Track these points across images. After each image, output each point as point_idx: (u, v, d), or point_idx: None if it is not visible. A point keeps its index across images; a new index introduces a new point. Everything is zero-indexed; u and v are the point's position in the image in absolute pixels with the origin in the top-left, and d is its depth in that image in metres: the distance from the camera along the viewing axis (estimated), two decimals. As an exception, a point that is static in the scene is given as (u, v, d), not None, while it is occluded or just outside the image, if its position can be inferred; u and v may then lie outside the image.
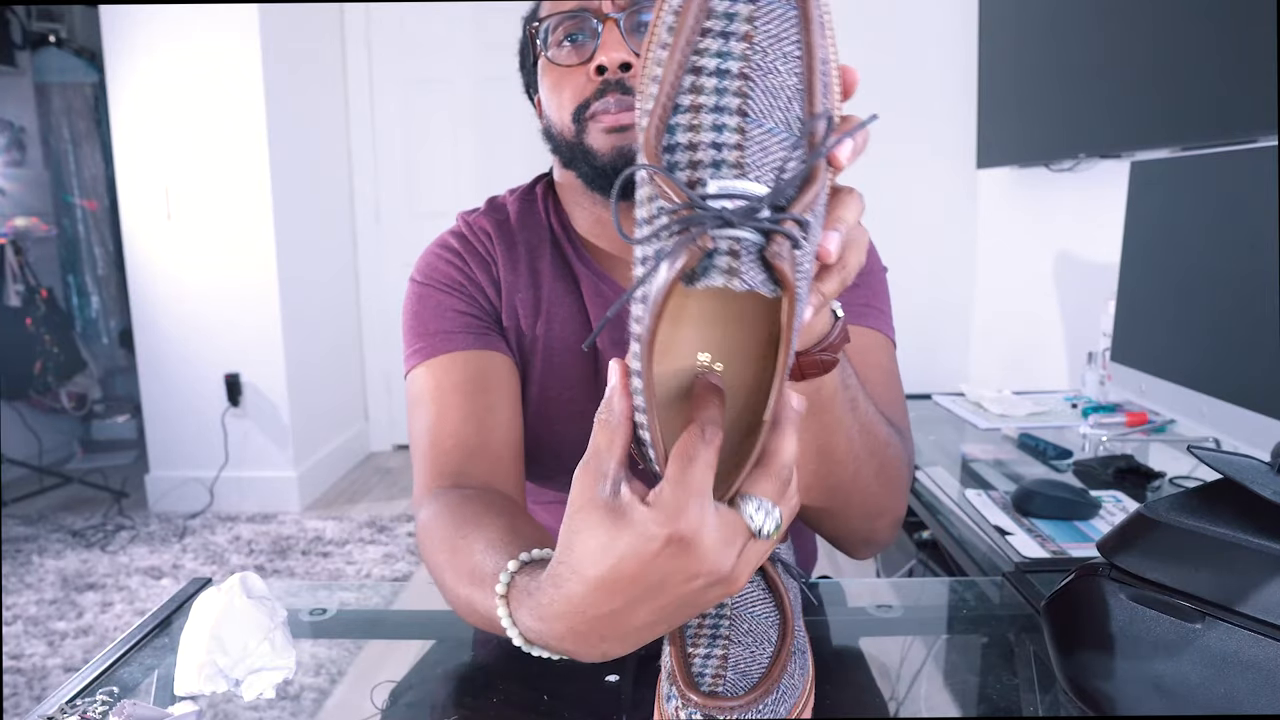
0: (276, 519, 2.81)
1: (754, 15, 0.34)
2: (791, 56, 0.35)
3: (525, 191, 0.84)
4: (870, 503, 0.64)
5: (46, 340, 3.08)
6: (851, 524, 0.66)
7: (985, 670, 0.64)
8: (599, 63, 0.68)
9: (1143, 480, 1.09)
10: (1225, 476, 0.49)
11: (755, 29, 0.34)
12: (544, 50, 0.72)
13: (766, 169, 0.34)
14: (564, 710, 0.56)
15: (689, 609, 0.39)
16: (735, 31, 0.34)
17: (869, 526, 0.67)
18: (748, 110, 0.34)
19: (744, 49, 0.34)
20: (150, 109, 2.70)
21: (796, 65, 0.35)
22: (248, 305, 2.79)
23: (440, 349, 0.74)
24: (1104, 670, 0.49)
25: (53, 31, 3.18)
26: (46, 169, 3.29)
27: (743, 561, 0.38)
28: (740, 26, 0.34)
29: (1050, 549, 0.90)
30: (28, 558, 2.50)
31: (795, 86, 0.35)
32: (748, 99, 0.34)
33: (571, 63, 0.71)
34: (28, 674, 1.87)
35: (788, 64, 0.35)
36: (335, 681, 0.64)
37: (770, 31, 0.35)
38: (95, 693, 0.56)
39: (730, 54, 0.34)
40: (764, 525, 0.37)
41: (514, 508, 0.63)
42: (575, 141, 0.71)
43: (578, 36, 0.71)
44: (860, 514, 0.65)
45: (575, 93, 0.70)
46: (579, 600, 0.39)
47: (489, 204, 0.84)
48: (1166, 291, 1.23)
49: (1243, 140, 1.21)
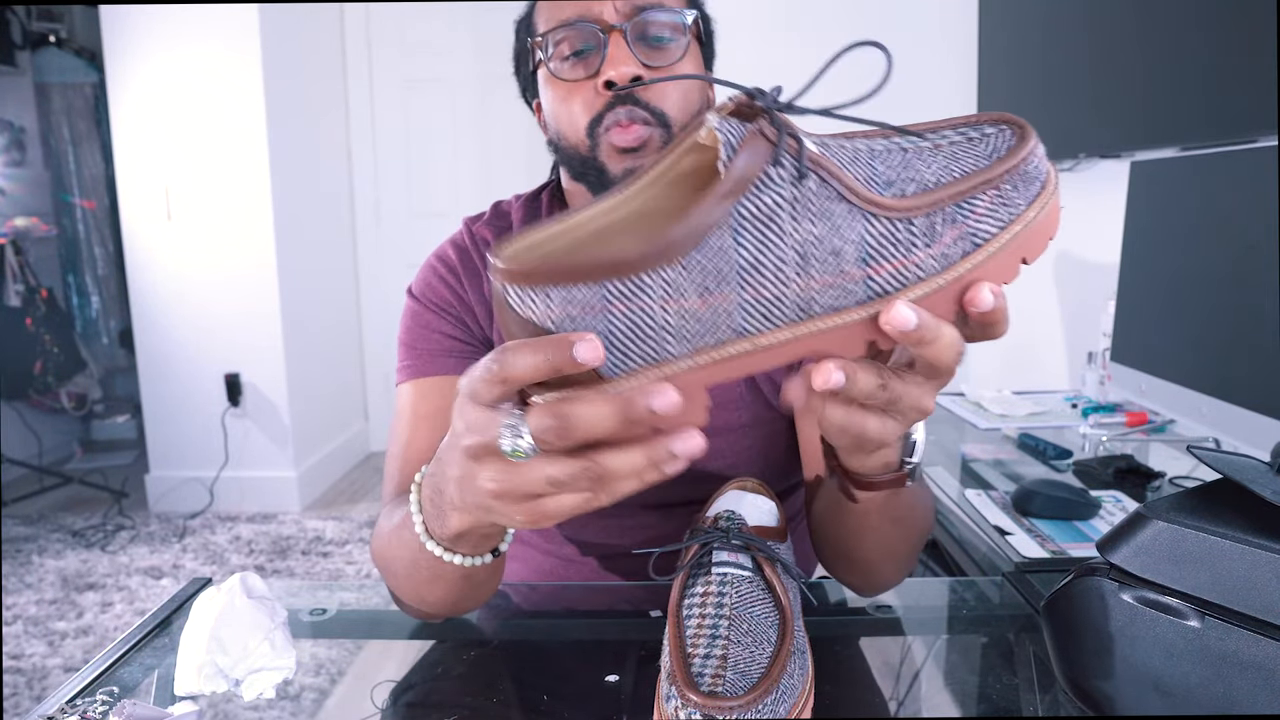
0: (276, 519, 2.81)
1: None
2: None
3: (530, 199, 0.83)
4: (892, 573, 0.68)
5: (46, 340, 3.08)
6: (871, 581, 0.70)
7: (985, 670, 0.64)
8: (607, 77, 0.67)
9: (1143, 480, 1.09)
10: (1225, 476, 0.49)
11: None
12: (546, 63, 0.71)
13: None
14: (564, 710, 0.56)
15: (468, 480, 0.41)
16: None
17: (885, 583, 0.70)
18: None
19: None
20: (150, 109, 2.70)
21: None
22: (248, 305, 2.79)
23: (424, 370, 0.75)
24: (1103, 670, 0.49)
25: (53, 31, 3.18)
26: (46, 169, 3.29)
27: (493, 465, 0.39)
28: None
29: (1050, 549, 0.90)
30: (28, 558, 2.50)
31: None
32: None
33: (578, 77, 0.69)
34: (28, 674, 1.87)
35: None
36: (335, 681, 0.64)
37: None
38: (95, 693, 0.56)
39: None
40: (505, 441, 0.38)
41: None
42: (589, 157, 0.70)
43: (583, 50, 0.69)
44: (880, 582, 0.70)
45: (585, 107, 0.69)
46: (439, 452, 0.46)
47: (494, 210, 0.83)
48: (1166, 291, 1.23)
49: (1243, 140, 1.21)
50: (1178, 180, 1.23)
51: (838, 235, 0.37)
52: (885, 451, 0.49)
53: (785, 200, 0.36)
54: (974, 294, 0.38)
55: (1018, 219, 0.38)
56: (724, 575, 0.52)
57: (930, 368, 0.39)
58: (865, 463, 0.50)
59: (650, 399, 0.35)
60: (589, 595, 0.80)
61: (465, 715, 0.58)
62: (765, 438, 0.78)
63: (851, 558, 0.65)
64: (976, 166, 0.38)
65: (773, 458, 0.79)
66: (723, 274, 0.36)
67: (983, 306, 0.37)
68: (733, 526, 0.56)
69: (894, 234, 0.37)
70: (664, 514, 0.81)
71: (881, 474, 0.51)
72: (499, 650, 0.67)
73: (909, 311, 0.37)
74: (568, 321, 0.35)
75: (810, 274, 0.36)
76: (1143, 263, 1.30)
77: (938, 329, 0.38)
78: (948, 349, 0.38)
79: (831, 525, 0.64)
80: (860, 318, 0.38)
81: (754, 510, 0.60)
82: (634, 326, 0.36)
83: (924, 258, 0.37)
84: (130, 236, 2.78)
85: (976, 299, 0.38)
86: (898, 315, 0.37)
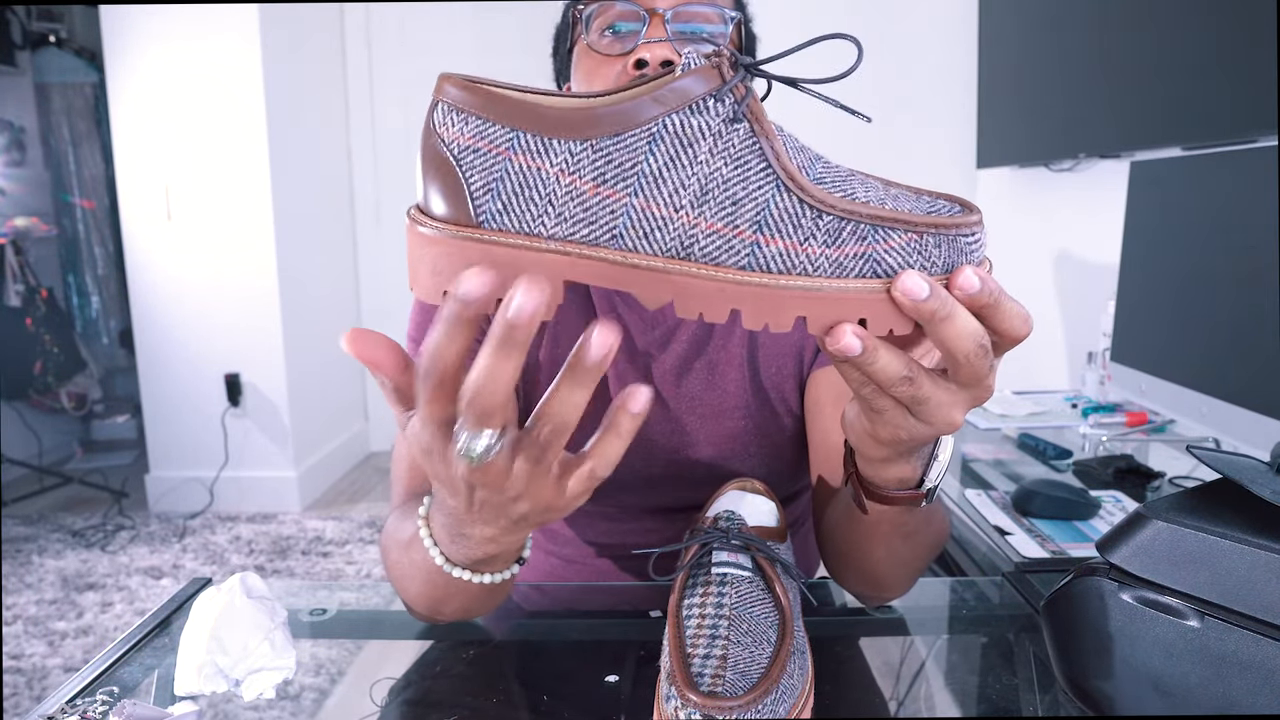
0: (276, 519, 2.81)
1: None
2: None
3: None
4: (897, 585, 0.67)
5: (46, 340, 3.08)
6: (876, 592, 0.69)
7: (985, 670, 0.64)
8: (640, 56, 0.66)
9: (1142, 480, 1.09)
10: (1225, 476, 0.49)
11: None
12: (584, 35, 0.71)
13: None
14: (564, 710, 0.56)
15: (458, 496, 0.41)
16: None
17: (890, 595, 0.69)
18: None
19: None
20: (150, 109, 2.70)
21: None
22: (248, 305, 2.79)
23: None
24: (1103, 670, 0.49)
25: (53, 31, 3.18)
26: (46, 169, 3.29)
27: (457, 472, 0.39)
28: None
29: (1050, 549, 0.90)
30: (28, 558, 2.50)
31: None
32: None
33: (613, 52, 0.69)
34: (28, 674, 1.87)
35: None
36: (335, 681, 0.64)
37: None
38: (95, 693, 0.56)
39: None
40: (462, 444, 0.37)
41: None
42: None
43: (621, 27, 0.69)
44: (885, 593, 0.68)
45: (610, 84, 0.69)
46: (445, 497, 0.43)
47: None
48: (1166, 291, 1.23)
49: (1243, 140, 1.21)
50: (1178, 180, 1.23)
51: (744, 187, 0.37)
52: (903, 466, 0.47)
53: (710, 132, 0.37)
54: (837, 332, 0.37)
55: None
56: (724, 575, 0.52)
57: (953, 361, 0.38)
58: (882, 474, 0.48)
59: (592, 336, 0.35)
60: (589, 595, 0.80)
61: (465, 715, 0.58)
62: (770, 444, 0.78)
63: (858, 567, 0.63)
64: (911, 210, 0.38)
65: (776, 464, 0.79)
66: (624, 171, 0.36)
67: (837, 342, 0.37)
68: (733, 527, 0.56)
69: (799, 216, 0.37)
70: (667, 518, 0.81)
71: (898, 489, 0.49)
72: (499, 650, 0.67)
73: (921, 281, 0.36)
74: (469, 154, 0.37)
75: (703, 212, 0.37)
76: (1143, 263, 1.30)
77: (952, 306, 0.36)
78: (964, 335, 0.37)
79: (841, 534, 0.63)
80: (731, 280, 0.37)
81: (754, 510, 0.60)
82: (524, 183, 0.37)
83: (818, 254, 0.37)
84: (130, 236, 2.79)
85: (837, 333, 0.37)
86: (910, 281, 0.36)
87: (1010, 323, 0.38)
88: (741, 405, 0.76)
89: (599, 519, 0.82)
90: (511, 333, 0.33)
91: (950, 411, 0.40)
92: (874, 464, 0.48)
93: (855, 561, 0.63)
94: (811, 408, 0.75)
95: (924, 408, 0.40)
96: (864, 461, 0.49)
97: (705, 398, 0.76)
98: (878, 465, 0.47)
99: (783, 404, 0.77)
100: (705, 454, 0.77)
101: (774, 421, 0.77)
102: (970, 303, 0.37)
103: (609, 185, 0.36)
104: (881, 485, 0.49)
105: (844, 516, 0.60)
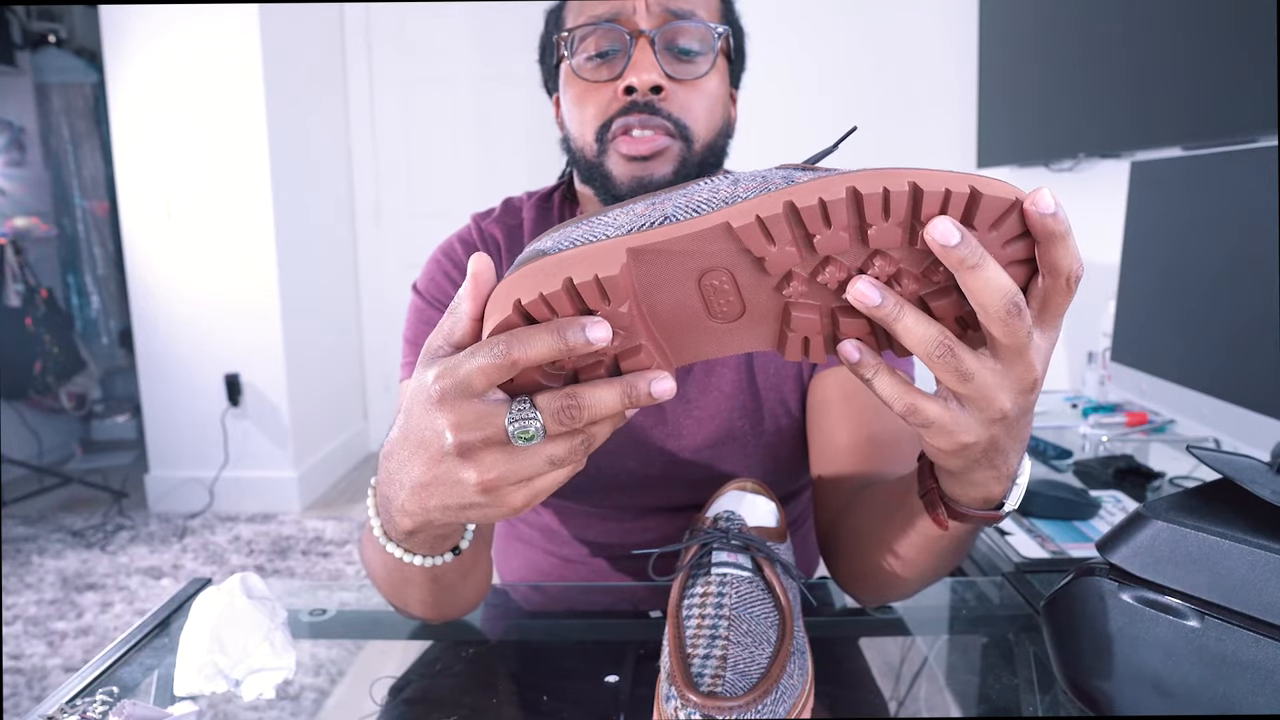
0: (276, 519, 2.81)
1: None
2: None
3: (542, 199, 0.82)
4: (912, 591, 0.65)
5: (46, 340, 3.08)
6: (887, 595, 0.67)
7: (985, 670, 0.64)
8: (629, 82, 0.66)
9: (1143, 480, 1.09)
10: (1225, 476, 0.49)
11: None
12: (569, 59, 0.70)
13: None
14: (564, 710, 0.56)
15: (442, 483, 0.40)
16: None
17: (900, 598, 0.68)
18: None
19: None
20: (150, 109, 2.70)
21: None
22: (248, 305, 2.79)
23: None
24: (1103, 670, 0.49)
25: (53, 31, 3.18)
26: (46, 169, 3.29)
27: (490, 456, 0.39)
28: None
29: (1050, 549, 0.90)
30: (28, 558, 2.50)
31: None
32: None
33: (600, 79, 0.68)
34: (28, 674, 1.87)
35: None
36: (335, 681, 0.64)
37: None
38: (95, 693, 0.56)
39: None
40: (514, 427, 0.38)
41: None
42: (595, 162, 0.69)
43: (608, 52, 0.68)
44: (895, 597, 0.67)
45: (600, 110, 0.68)
46: (385, 456, 0.43)
47: (504, 207, 0.82)
48: (1166, 291, 1.23)
49: (1243, 140, 1.21)
50: (1178, 180, 1.22)
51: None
52: (993, 485, 0.46)
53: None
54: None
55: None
56: (724, 576, 0.52)
57: (986, 318, 0.37)
58: (970, 492, 0.47)
59: (650, 383, 0.38)
60: (589, 595, 0.80)
61: (465, 714, 0.58)
62: (768, 444, 0.78)
63: (889, 575, 0.60)
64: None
65: (775, 464, 0.78)
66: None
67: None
68: (732, 527, 0.56)
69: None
70: (668, 518, 0.81)
71: (981, 508, 0.48)
72: (498, 650, 0.67)
73: (951, 226, 0.36)
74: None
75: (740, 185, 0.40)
76: (1143, 263, 1.30)
77: (982, 255, 0.36)
78: (992, 287, 0.36)
79: (876, 542, 0.59)
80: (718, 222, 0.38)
81: (754, 511, 0.60)
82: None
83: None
84: (130, 236, 2.78)
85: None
86: (939, 227, 0.36)
87: (1054, 252, 0.37)
88: (739, 405, 0.76)
89: (598, 519, 0.82)
90: (637, 403, 0.39)
91: (997, 394, 0.40)
92: (958, 479, 0.47)
93: (886, 571, 0.60)
94: (819, 407, 0.75)
95: (970, 385, 0.39)
96: (948, 478, 0.48)
97: (702, 398, 0.76)
98: (963, 482, 0.47)
99: (780, 404, 0.77)
100: (703, 454, 0.77)
101: (772, 421, 0.77)
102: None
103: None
104: (965, 503, 0.48)
105: (885, 526, 0.58)
